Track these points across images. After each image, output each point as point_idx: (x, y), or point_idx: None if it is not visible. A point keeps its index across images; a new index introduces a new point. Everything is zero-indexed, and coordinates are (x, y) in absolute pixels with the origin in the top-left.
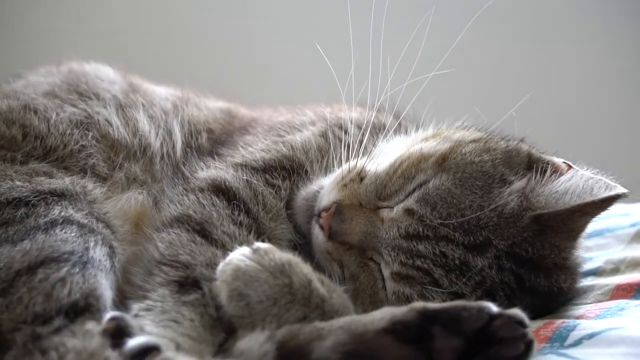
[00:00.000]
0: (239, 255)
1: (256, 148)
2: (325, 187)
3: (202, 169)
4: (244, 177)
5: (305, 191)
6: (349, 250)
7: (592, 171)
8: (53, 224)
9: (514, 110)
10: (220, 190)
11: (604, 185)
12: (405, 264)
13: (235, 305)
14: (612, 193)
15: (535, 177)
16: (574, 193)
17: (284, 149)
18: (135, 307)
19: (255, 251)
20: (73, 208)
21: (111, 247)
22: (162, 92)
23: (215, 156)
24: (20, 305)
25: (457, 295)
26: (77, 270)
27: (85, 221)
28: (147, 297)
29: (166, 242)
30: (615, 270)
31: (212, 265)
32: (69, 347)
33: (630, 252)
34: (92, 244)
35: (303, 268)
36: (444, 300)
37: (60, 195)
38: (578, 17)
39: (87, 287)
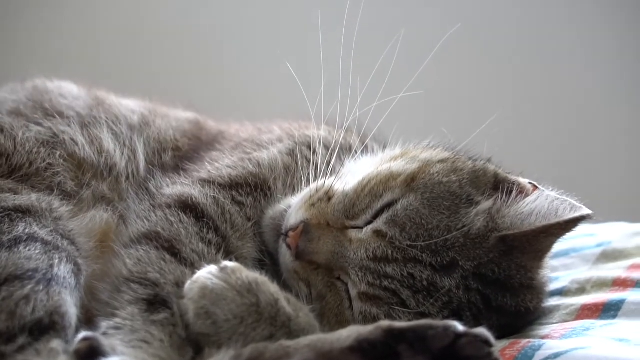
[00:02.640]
0: (206, 273)
1: (222, 164)
2: (292, 206)
3: (168, 185)
4: (211, 194)
5: (273, 210)
6: (317, 269)
7: (558, 192)
8: (17, 241)
9: (481, 131)
10: (187, 206)
11: (569, 206)
12: (372, 285)
13: (202, 324)
14: (577, 214)
15: (502, 198)
16: (539, 214)
17: (250, 166)
18: (104, 324)
19: (223, 270)
20: (38, 225)
21: (76, 264)
22: (129, 105)
23: (181, 171)
24: None
25: (424, 316)
26: (42, 287)
27: (50, 238)
28: (115, 315)
29: (134, 259)
30: (581, 290)
31: (181, 284)
32: None
33: (596, 272)
34: (56, 261)
35: (270, 287)
36: (410, 321)
37: (24, 212)
38: (543, 40)
39: (51, 304)
